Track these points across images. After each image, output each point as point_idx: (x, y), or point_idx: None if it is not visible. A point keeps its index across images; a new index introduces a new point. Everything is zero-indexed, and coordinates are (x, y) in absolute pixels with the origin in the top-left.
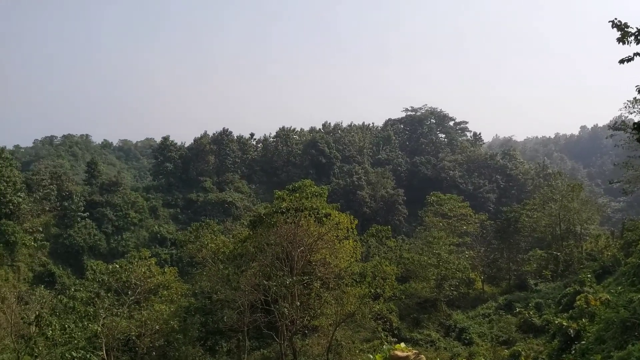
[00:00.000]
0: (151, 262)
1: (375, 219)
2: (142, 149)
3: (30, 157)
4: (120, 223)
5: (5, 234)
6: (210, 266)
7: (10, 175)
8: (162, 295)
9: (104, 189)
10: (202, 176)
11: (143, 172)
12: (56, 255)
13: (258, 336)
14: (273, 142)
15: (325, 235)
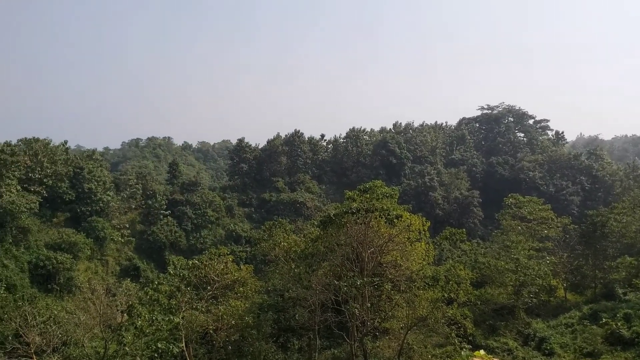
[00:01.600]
0: (228, 259)
1: (448, 221)
2: (219, 151)
3: (118, 158)
4: (198, 221)
5: (96, 229)
6: (283, 264)
7: (101, 175)
8: (237, 292)
9: (184, 189)
10: (274, 176)
11: (220, 172)
12: (141, 250)
13: (329, 335)
14: (343, 142)
15: (396, 237)
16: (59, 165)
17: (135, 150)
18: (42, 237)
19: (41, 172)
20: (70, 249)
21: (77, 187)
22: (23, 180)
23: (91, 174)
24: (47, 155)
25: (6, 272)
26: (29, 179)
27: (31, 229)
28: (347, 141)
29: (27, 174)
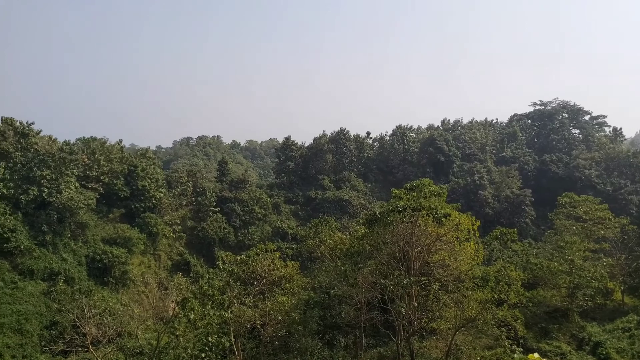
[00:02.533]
0: (275, 255)
1: (498, 220)
2: (266, 149)
3: (170, 156)
4: (246, 218)
5: (149, 225)
6: (328, 262)
7: (154, 173)
8: (284, 288)
9: (232, 186)
10: (320, 174)
11: (267, 170)
12: (191, 245)
13: (375, 334)
14: (389, 140)
15: (444, 236)
16: (114, 163)
17: (186, 149)
18: (99, 232)
19: (98, 170)
20: (125, 244)
21: (132, 184)
22: (81, 177)
23: (144, 171)
24: (103, 153)
25: (65, 265)
26: (86, 176)
27: (89, 224)
28: (393, 139)
29: (85, 172)
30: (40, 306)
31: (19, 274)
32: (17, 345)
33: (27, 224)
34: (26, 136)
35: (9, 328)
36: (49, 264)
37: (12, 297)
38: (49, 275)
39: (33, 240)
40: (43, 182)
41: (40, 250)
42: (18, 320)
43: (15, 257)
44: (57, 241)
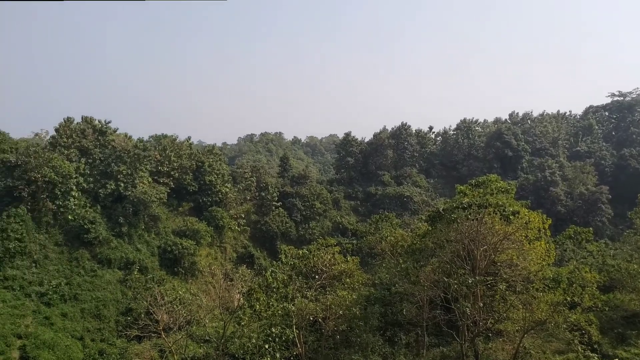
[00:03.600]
0: (335, 250)
1: (571, 219)
2: (326, 145)
3: (234, 152)
4: (307, 213)
5: (216, 218)
6: (389, 258)
7: (220, 168)
8: (344, 283)
9: (294, 182)
10: (380, 170)
11: (327, 166)
12: (255, 238)
13: (437, 333)
14: (453, 134)
15: (512, 235)
16: (184, 159)
17: (249, 145)
18: (170, 225)
19: (169, 166)
20: (193, 236)
21: (199, 179)
22: (153, 172)
23: (211, 167)
24: (174, 150)
25: (139, 255)
26: (158, 171)
27: (160, 217)
28: (457, 133)
29: (157, 167)
30: (116, 293)
31: (97, 262)
32: (96, 329)
33: (105, 216)
34: (104, 134)
35: (89, 313)
36: (125, 253)
37: (91, 284)
38: (124, 264)
39: (110, 231)
40: (119, 177)
41: (117, 240)
42: (97, 306)
43: (94, 247)
44: (132, 232)
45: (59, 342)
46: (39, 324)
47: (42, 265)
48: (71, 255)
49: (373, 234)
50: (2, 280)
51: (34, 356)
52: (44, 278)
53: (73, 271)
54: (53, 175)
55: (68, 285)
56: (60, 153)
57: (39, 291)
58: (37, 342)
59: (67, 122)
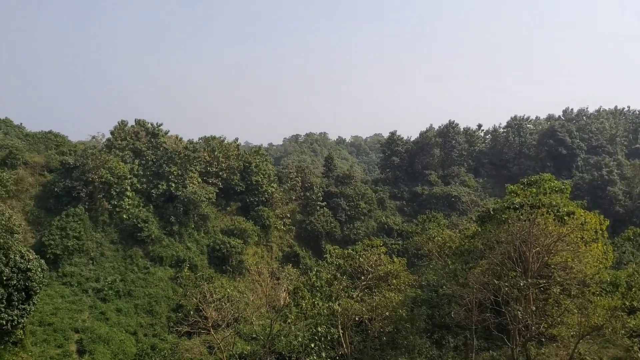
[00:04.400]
0: (381, 250)
1: (631, 220)
2: (371, 144)
3: (280, 153)
4: (352, 212)
5: (262, 218)
6: (437, 259)
7: (266, 168)
8: (390, 284)
9: (338, 181)
10: (427, 169)
11: (372, 165)
12: (300, 238)
13: (487, 337)
14: (503, 132)
15: (567, 236)
16: (231, 160)
17: (294, 146)
18: (218, 224)
19: (217, 166)
20: (240, 235)
21: (246, 179)
22: (203, 173)
23: (258, 167)
24: (222, 151)
25: (189, 253)
26: (207, 172)
27: (209, 216)
28: (507, 131)
29: (206, 168)
30: (168, 290)
31: (150, 260)
32: (148, 325)
33: (157, 215)
34: (156, 136)
35: (142, 309)
36: (176, 252)
37: (144, 281)
38: (175, 262)
39: (162, 230)
40: (171, 177)
41: (168, 239)
42: (149, 303)
43: (147, 245)
44: (183, 231)
45: (114, 336)
46: (95, 319)
47: (99, 263)
48: (125, 252)
49: (420, 235)
50: (61, 276)
51: (90, 350)
52: (100, 275)
53: (127, 268)
54: (109, 176)
55: (122, 282)
56: (115, 155)
57: (95, 287)
58: (93, 336)
59: (121, 125)
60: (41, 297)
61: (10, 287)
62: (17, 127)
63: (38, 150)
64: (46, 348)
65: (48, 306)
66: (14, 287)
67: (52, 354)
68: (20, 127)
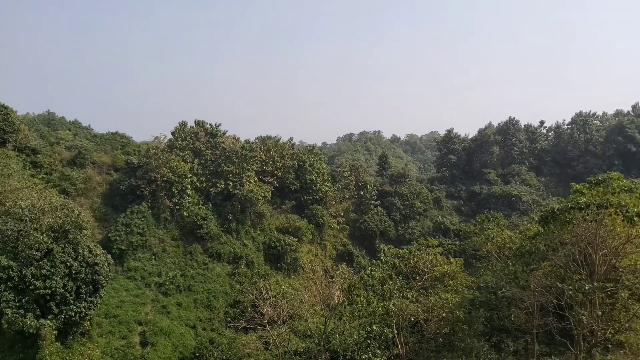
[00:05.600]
0: (437, 251)
1: None
2: (426, 142)
3: (334, 152)
4: (406, 212)
5: (316, 216)
6: (495, 261)
7: (320, 167)
8: (447, 285)
9: (392, 180)
10: (485, 168)
11: (427, 164)
12: (354, 237)
13: (549, 341)
14: (567, 129)
15: (636, 238)
16: (286, 159)
17: (348, 145)
18: (273, 222)
19: (273, 165)
20: (295, 233)
21: (301, 178)
22: (259, 172)
23: (312, 166)
24: (277, 150)
25: (246, 250)
26: (263, 171)
27: (265, 214)
28: (572, 127)
29: (262, 167)
30: (225, 286)
31: (209, 256)
32: (207, 319)
33: (216, 213)
34: (215, 136)
35: (201, 304)
36: (233, 248)
37: (203, 276)
38: (233, 258)
39: (220, 227)
40: (229, 176)
41: (226, 236)
42: (208, 298)
43: (206, 242)
44: (240, 229)
45: (174, 329)
46: (157, 312)
47: (160, 258)
48: (185, 249)
49: (478, 235)
50: (125, 270)
51: (153, 342)
52: (162, 269)
53: (187, 264)
54: (170, 175)
55: (183, 277)
56: (176, 154)
57: (157, 281)
58: (155, 328)
59: (182, 126)
60: (107, 291)
61: (79, 280)
62: (85, 128)
63: (105, 151)
64: (111, 339)
65: (113, 299)
66: (82, 280)
67: (117, 345)
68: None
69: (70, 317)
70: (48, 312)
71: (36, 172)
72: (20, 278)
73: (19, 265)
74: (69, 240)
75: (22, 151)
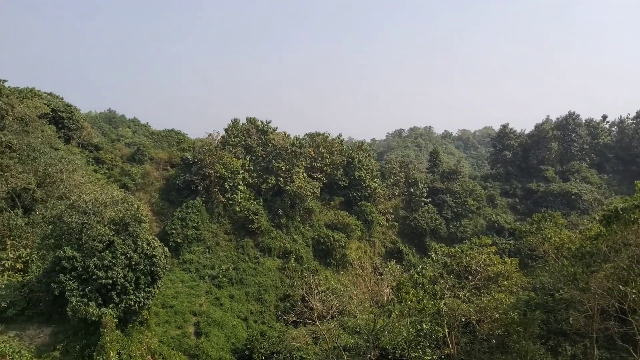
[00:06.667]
0: (491, 250)
1: None
2: (480, 138)
3: (383, 148)
4: (458, 210)
5: (365, 213)
6: (553, 261)
7: (369, 164)
8: (501, 285)
9: (444, 177)
10: (543, 164)
11: (481, 160)
12: (403, 234)
13: (610, 346)
14: (632, 124)
15: None
16: (335, 155)
17: (398, 141)
18: (322, 218)
19: (321, 162)
20: (344, 229)
21: (349, 174)
22: (308, 168)
23: (361, 163)
24: (326, 146)
25: (295, 245)
26: (312, 167)
27: (314, 210)
28: (637, 122)
29: (311, 163)
30: (276, 280)
31: (260, 250)
32: (258, 312)
33: (266, 208)
34: (265, 133)
35: (252, 297)
36: (283, 243)
37: (254, 270)
38: (283, 253)
39: (270, 222)
40: (279, 172)
41: (276, 231)
42: (259, 291)
43: (257, 236)
44: (290, 224)
45: (227, 321)
46: (210, 304)
47: (214, 251)
48: (238, 243)
49: (534, 235)
50: (181, 263)
51: (206, 332)
52: (215, 262)
53: (239, 257)
54: (223, 171)
55: (235, 270)
56: (229, 151)
57: (210, 274)
58: (209, 319)
59: (234, 123)
60: (164, 282)
61: (138, 271)
62: (143, 126)
63: (162, 147)
64: (168, 328)
65: (170, 290)
66: (141, 271)
67: (173, 334)
68: (146, 126)
69: (130, 306)
70: (109, 301)
71: (98, 167)
72: (83, 268)
73: (83, 256)
74: (129, 232)
75: (86, 148)
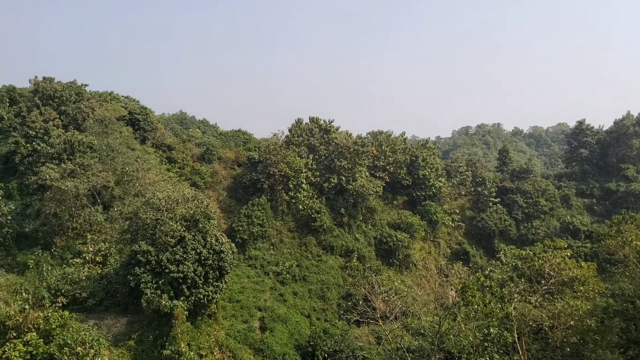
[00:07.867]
0: (566, 253)
1: None
2: (553, 135)
3: (448, 146)
4: (530, 210)
5: (429, 213)
6: (634, 267)
7: (433, 162)
8: (577, 290)
9: (514, 176)
10: (623, 163)
11: (554, 158)
12: (470, 235)
13: None
14: None
15: None
16: (398, 154)
17: (464, 138)
18: (385, 217)
19: (384, 160)
20: (407, 229)
21: (413, 173)
22: (370, 167)
23: (425, 161)
24: (389, 145)
25: (358, 244)
26: (375, 166)
27: (376, 209)
28: None
29: (373, 162)
30: (338, 278)
31: (322, 248)
32: (320, 309)
33: (329, 207)
34: (328, 132)
35: (315, 294)
36: (345, 242)
37: (317, 267)
38: (345, 251)
39: (333, 221)
40: (341, 171)
41: (338, 229)
42: (321, 289)
43: (319, 235)
44: (352, 223)
45: (291, 317)
46: (274, 300)
47: (278, 248)
48: (301, 240)
49: (613, 238)
50: (247, 259)
51: (271, 328)
52: (279, 259)
53: (302, 255)
54: (287, 169)
55: (298, 267)
56: (292, 150)
57: (275, 270)
58: (274, 315)
59: (297, 123)
60: (231, 277)
61: (207, 266)
62: (212, 126)
63: (229, 147)
64: (234, 322)
65: (236, 285)
66: (210, 266)
67: (239, 328)
68: (215, 126)
69: (200, 299)
70: (180, 294)
71: (171, 166)
72: (157, 262)
73: (156, 251)
74: (198, 229)
75: (159, 147)
